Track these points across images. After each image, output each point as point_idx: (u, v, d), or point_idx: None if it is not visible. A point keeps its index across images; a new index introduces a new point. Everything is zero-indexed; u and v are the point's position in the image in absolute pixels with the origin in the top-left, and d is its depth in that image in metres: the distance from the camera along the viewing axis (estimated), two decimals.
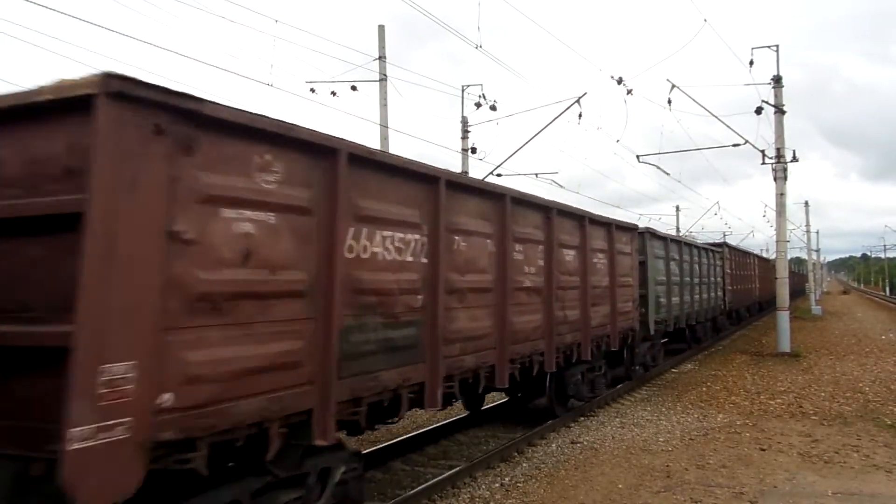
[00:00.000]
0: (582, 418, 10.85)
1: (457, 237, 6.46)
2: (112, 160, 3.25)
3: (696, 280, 19.29)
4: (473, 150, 21.64)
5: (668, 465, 8.01)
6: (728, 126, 20.58)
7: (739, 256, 28.97)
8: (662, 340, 16.51)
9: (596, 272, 10.39)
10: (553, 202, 8.83)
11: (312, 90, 17.68)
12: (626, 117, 19.67)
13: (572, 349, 9.56)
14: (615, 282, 11.15)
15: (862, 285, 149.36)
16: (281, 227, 4.32)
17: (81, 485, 3.09)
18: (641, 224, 14.47)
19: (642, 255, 13.89)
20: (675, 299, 16.50)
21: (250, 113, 4.12)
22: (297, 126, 4.49)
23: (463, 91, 21.60)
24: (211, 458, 3.89)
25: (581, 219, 9.84)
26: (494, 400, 11.45)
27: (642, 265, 13.75)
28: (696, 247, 20.50)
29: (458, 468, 7.65)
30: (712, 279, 21.72)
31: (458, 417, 10.47)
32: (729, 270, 24.65)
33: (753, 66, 20.19)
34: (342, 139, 4.90)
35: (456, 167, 21.67)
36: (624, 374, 13.30)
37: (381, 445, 8.71)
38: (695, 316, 18.95)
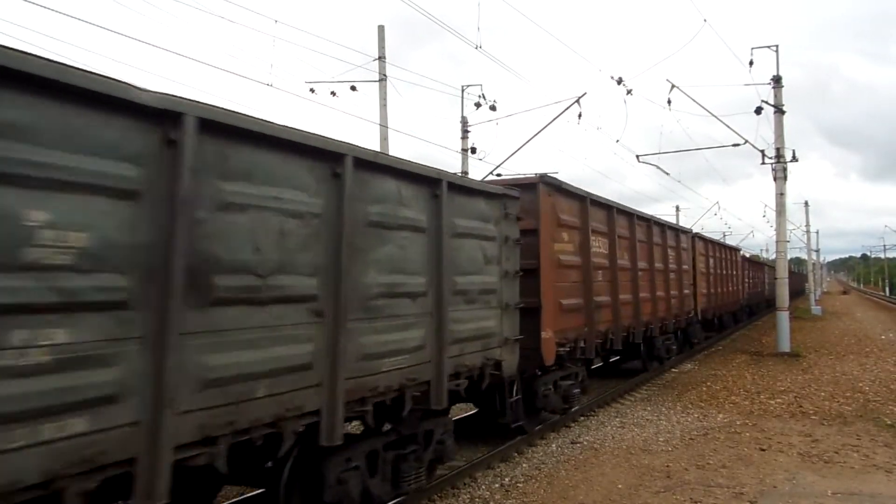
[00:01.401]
0: (582, 418, 10.85)
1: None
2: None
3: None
4: (473, 150, 21.64)
5: (668, 465, 8.01)
6: (728, 126, 20.64)
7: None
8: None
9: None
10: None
11: (312, 90, 17.69)
12: (625, 117, 19.68)
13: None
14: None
15: (862, 285, 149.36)
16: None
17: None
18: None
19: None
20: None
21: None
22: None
23: (463, 91, 21.62)
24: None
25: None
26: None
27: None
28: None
29: (458, 468, 7.65)
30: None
31: None
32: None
33: (753, 66, 20.24)
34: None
35: (455, 167, 21.68)
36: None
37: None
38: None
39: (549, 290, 9.10)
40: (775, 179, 20.38)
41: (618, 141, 26.60)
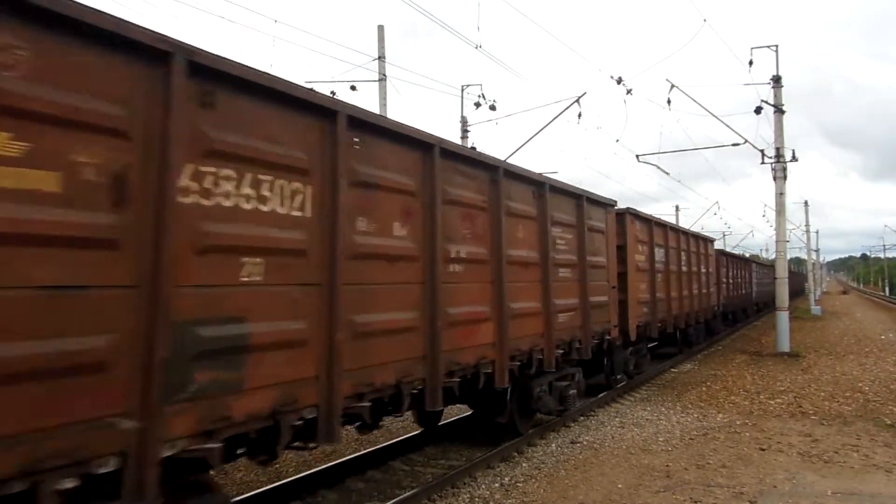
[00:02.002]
0: (582, 418, 10.85)
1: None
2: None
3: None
4: (473, 150, 21.64)
5: (667, 465, 8.01)
6: (728, 126, 20.65)
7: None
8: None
9: None
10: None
11: (312, 90, 17.65)
12: (625, 117, 19.73)
13: None
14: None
15: (861, 285, 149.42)
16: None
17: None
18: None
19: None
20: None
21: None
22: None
23: (462, 91, 21.65)
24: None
25: None
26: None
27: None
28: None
29: (457, 468, 7.65)
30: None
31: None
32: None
33: (753, 66, 20.26)
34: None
35: None
36: None
37: (380, 445, 8.71)
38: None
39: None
40: (775, 179, 20.39)
41: (618, 141, 26.64)
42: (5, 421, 2.90)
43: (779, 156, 20.08)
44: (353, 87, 17.66)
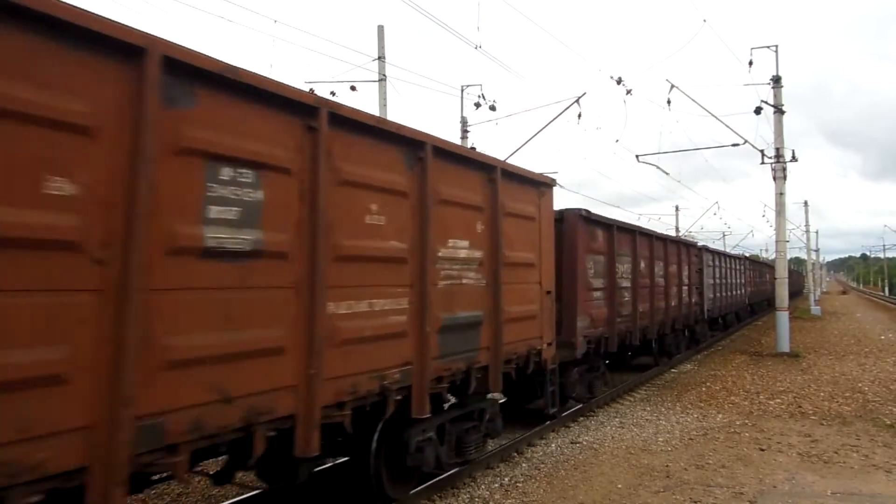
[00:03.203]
0: (581, 418, 10.85)
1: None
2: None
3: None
4: (473, 150, 21.66)
5: (667, 465, 8.02)
6: (727, 126, 20.69)
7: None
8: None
9: None
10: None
11: (312, 90, 17.68)
12: (625, 117, 19.77)
13: None
14: None
15: (861, 285, 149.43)
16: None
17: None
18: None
19: None
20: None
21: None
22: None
23: (462, 91, 21.65)
24: None
25: None
26: None
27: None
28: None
29: (457, 468, 7.65)
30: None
31: None
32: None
33: (753, 66, 20.29)
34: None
35: None
36: None
37: None
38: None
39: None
40: (775, 179, 20.40)
41: (617, 141, 26.70)
42: None
43: (778, 156, 20.09)
44: (353, 88, 17.66)
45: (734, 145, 20.50)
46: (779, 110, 20.10)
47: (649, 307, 14.25)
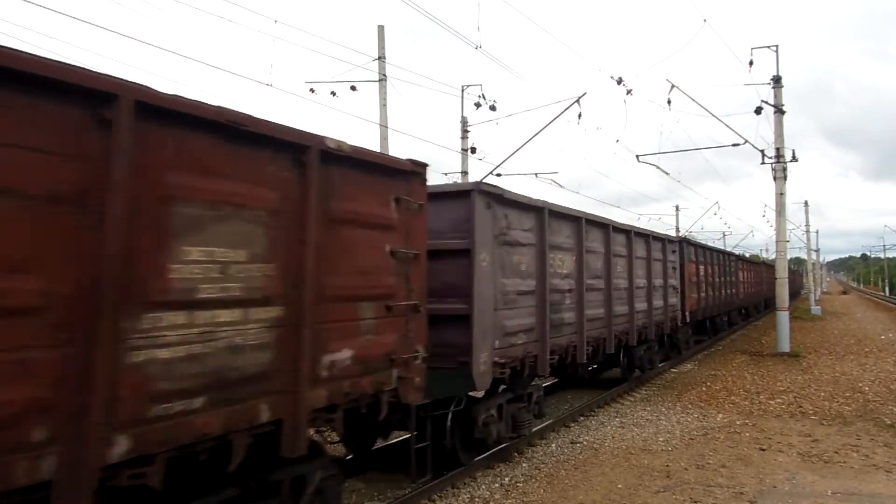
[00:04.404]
0: (582, 418, 10.85)
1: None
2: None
3: None
4: (473, 150, 21.67)
5: (667, 465, 8.01)
6: (728, 126, 20.65)
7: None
8: None
9: None
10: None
11: (312, 90, 17.68)
12: (625, 117, 19.72)
13: None
14: None
15: (861, 285, 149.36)
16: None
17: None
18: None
19: None
20: None
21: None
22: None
23: (463, 91, 21.67)
24: None
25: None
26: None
27: None
28: None
29: (457, 468, 7.65)
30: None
31: None
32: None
33: (753, 66, 20.28)
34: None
35: (456, 167, 21.69)
36: None
37: (380, 445, 8.70)
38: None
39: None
40: (775, 179, 20.40)
41: (618, 141, 26.68)
42: None
43: (779, 156, 20.09)
44: (353, 88, 17.66)
45: (734, 145, 20.48)
46: (779, 110, 20.10)
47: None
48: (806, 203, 57.14)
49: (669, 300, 15.60)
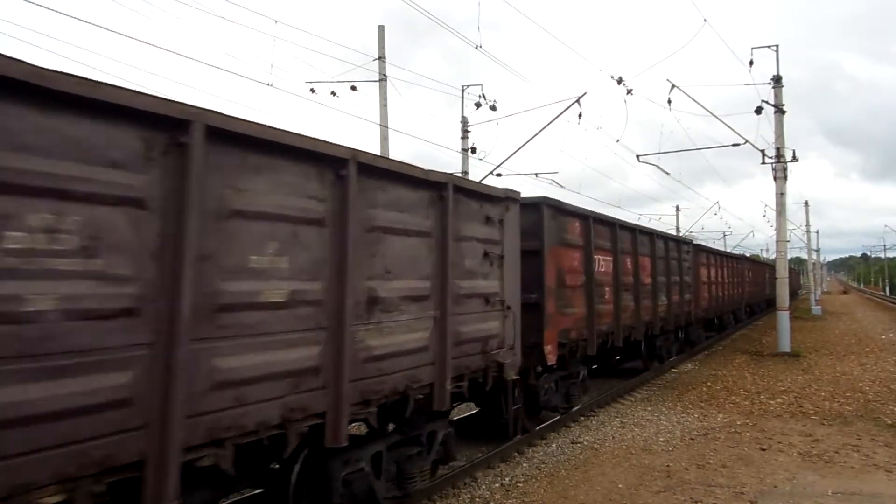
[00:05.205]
0: (582, 418, 10.85)
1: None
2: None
3: None
4: (473, 150, 21.66)
5: (668, 465, 8.01)
6: (728, 126, 20.66)
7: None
8: None
9: None
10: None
11: (312, 90, 17.70)
12: (626, 117, 19.67)
13: None
14: None
15: (862, 285, 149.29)
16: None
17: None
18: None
19: None
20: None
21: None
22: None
23: (463, 91, 21.64)
24: None
25: None
26: None
27: None
28: None
29: (458, 468, 7.65)
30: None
31: None
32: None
33: (753, 65, 20.24)
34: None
35: (456, 167, 21.69)
36: None
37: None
38: None
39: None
40: (775, 179, 20.38)
41: (618, 141, 26.61)
42: None
43: (779, 156, 20.08)
44: (353, 88, 17.67)
45: (735, 145, 20.46)
46: (779, 110, 20.08)
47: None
48: (806, 203, 57.15)
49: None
